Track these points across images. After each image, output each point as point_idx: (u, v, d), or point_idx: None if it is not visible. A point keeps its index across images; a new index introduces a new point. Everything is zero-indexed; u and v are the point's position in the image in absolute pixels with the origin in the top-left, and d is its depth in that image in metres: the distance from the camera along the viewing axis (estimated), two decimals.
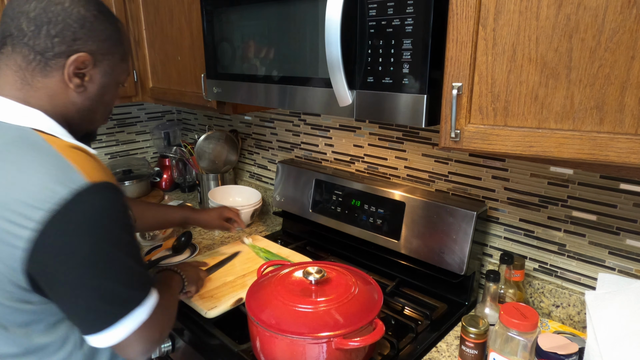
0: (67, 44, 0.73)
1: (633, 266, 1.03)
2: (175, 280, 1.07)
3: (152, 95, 1.76)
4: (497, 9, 0.73)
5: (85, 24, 0.74)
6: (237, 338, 1.08)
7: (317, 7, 0.95)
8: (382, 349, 1.04)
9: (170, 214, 1.34)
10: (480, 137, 0.80)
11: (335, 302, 0.94)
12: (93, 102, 0.81)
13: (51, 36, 0.72)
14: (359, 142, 1.52)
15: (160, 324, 0.81)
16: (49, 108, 0.76)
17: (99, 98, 0.82)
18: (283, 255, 1.44)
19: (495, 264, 1.26)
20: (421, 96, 0.83)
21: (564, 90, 0.70)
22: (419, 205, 1.26)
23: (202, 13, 1.28)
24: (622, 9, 0.63)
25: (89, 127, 0.86)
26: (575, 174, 1.07)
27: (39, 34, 0.72)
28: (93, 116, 0.84)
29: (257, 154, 1.97)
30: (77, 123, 0.81)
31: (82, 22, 0.74)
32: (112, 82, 0.83)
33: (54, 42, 0.72)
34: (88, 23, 0.75)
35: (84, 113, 0.81)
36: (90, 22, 0.75)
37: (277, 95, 1.11)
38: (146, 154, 2.34)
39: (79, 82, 0.76)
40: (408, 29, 0.82)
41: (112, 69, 0.81)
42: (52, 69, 0.74)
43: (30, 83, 0.74)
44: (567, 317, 1.12)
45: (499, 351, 0.88)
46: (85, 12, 0.74)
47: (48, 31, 0.72)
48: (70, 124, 0.79)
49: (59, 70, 0.74)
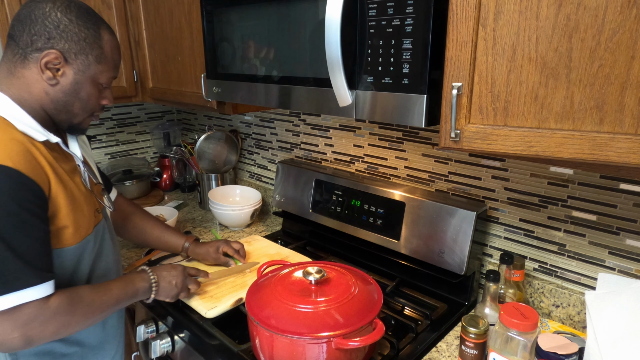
0: (42, 42, 0.86)
1: (633, 266, 1.03)
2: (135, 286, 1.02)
3: (152, 95, 1.76)
4: (497, 9, 0.73)
5: (60, 26, 0.86)
6: (237, 338, 1.08)
7: (317, 7, 0.95)
8: (382, 349, 1.04)
9: (174, 240, 1.34)
10: (480, 137, 0.80)
11: (335, 302, 0.94)
12: (67, 96, 0.91)
13: (31, 34, 0.86)
14: (359, 142, 1.52)
15: (27, 328, 0.81)
16: (27, 96, 0.88)
17: (74, 93, 0.91)
18: (282, 255, 1.44)
19: (495, 264, 1.26)
20: (421, 96, 0.83)
21: (563, 90, 0.70)
22: (419, 205, 1.26)
23: (202, 13, 1.28)
24: (622, 9, 0.63)
25: (71, 119, 0.95)
26: (575, 174, 1.07)
27: (22, 32, 0.86)
28: (70, 109, 0.93)
29: (257, 154, 1.97)
30: (54, 114, 0.92)
31: (57, 24, 0.86)
32: (86, 80, 0.92)
33: (33, 39, 0.86)
34: (62, 25, 0.87)
35: (59, 105, 0.91)
36: (65, 24, 0.87)
37: (277, 95, 1.11)
38: (146, 154, 2.34)
39: (50, 75, 0.88)
40: (408, 29, 0.82)
41: (86, 67, 0.91)
42: (29, 61, 0.87)
43: (14, 73, 0.88)
44: (567, 317, 1.12)
45: (499, 351, 0.88)
46: (62, 16, 0.87)
47: (29, 30, 0.86)
48: (48, 114, 0.91)
49: (36, 63, 0.87)
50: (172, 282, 1.10)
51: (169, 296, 1.11)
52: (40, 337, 0.83)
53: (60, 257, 0.91)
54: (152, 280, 1.06)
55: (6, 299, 0.79)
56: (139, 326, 1.24)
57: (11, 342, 0.80)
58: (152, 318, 1.26)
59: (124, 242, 1.63)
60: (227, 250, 1.35)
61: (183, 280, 1.13)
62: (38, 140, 0.86)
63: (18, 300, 0.79)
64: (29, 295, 0.80)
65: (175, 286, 1.10)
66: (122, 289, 0.99)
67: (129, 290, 1.01)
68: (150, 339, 1.24)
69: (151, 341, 1.20)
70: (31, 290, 0.80)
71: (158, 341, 1.19)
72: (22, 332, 0.80)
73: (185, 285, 1.13)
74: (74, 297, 0.88)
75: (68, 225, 0.90)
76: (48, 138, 0.88)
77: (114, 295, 0.96)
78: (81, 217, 0.93)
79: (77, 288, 0.91)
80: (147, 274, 1.07)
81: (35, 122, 0.88)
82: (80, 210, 0.93)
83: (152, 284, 1.06)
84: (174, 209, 1.73)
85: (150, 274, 1.07)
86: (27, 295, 0.80)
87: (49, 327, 0.84)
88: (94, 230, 0.98)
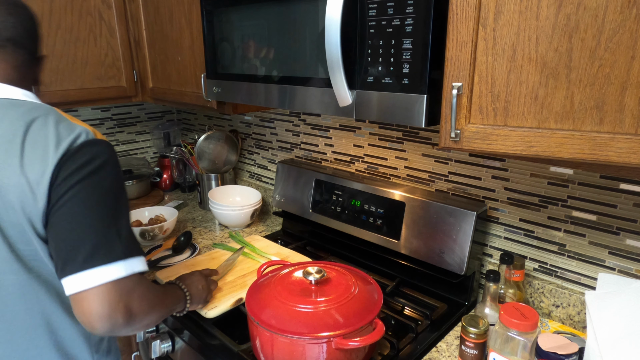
0: None
1: (633, 266, 1.03)
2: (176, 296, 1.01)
3: (152, 95, 1.76)
4: (497, 9, 0.73)
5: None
6: (237, 338, 1.08)
7: (317, 7, 0.95)
8: (382, 349, 1.04)
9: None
10: (480, 137, 0.80)
11: (335, 302, 0.94)
12: None
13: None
14: (359, 142, 1.52)
15: (130, 298, 0.79)
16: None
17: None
18: (282, 255, 1.44)
19: (495, 264, 1.26)
20: (421, 96, 0.83)
21: (564, 90, 0.70)
22: (419, 205, 1.26)
23: (202, 13, 1.28)
24: (622, 9, 0.63)
25: None
26: (575, 174, 1.07)
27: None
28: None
29: (257, 154, 1.97)
30: None
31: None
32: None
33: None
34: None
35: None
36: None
37: (277, 95, 1.11)
38: (146, 154, 2.34)
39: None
40: (408, 29, 0.82)
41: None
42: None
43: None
44: (567, 317, 1.12)
45: (499, 351, 0.88)
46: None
47: None
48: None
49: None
50: (199, 288, 1.08)
51: (202, 301, 1.10)
52: (139, 311, 0.80)
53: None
54: (185, 291, 1.04)
55: (127, 265, 0.78)
56: None
57: (116, 315, 0.77)
58: None
59: None
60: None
61: (206, 282, 1.12)
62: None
63: (126, 270, 0.78)
64: (134, 266, 0.79)
65: (203, 289, 1.10)
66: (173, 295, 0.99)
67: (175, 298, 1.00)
68: (150, 339, 1.24)
69: (151, 341, 1.20)
70: (135, 260, 0.80)
71: (158, 341, 1.19)
72: (126, 302, 0.78)
73: (209, 286, 1.13)
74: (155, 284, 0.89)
75: None
76: None
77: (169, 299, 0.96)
78: None
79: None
80: (177, 284, 1.05)
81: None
82: None
83: (185, 293, 1.04)
84: (174, 209, 1.73)
85: (180, 284, 1.05)
86: (133, 265, 0.79)
87: (144, 302, 0.81)
88: None
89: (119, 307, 0.77)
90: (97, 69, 1.67)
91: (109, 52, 1.70)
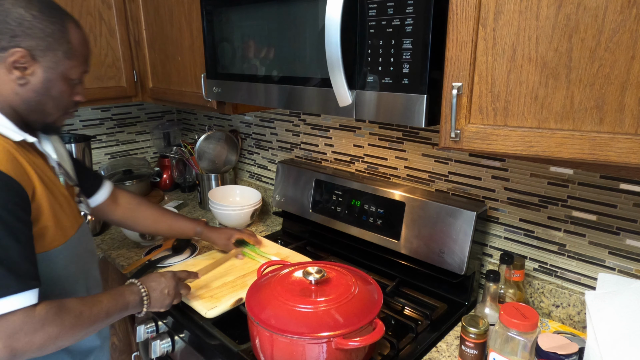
0: (6, 40, 0.82)
1: (633, 266, 1.03)
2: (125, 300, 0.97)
3: (152, 95, 1.76)
4: (497, 9, 0.73)
5: (24, 23, 0.82)
6: (237, 338, 1.08)
7: (317, 7, 0.95)
8: (382, 349, 1.04)
9: (186, 225, 1.35)
10: (480, 137, 0.80)
11: (335, 302, 0.94)
12: (39, 95, 0.88)
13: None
14: (359, 142, 1.52)
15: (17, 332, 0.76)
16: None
17: (45, 91, 0.88)
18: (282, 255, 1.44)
19: (495, 264, 1.26)
20: (421, 96, 0.83)
21: (563, 90, 0.70)
22: (419, 205, 1.26)
23: (202, 13, 1.28)
24: (622, 9, 0.63)
25: (44, 119, 0.92)
26: (575, 174, 1.07)
27: None
28: (43, 108, 0.90)
29: (257, 154, 1.97)
30: (26, 114, 0.89)
31: (20, 21, 0.82)
32: (57, 77, 0.88)
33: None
34: (26, 22, 0.82)
35: (30, 105, 0.88)
36: (29, 21, 0.82)
37: (277, 95, 1.11)
38: (146, 154, 2.34)
39: (19, 74, 0.84)
40: (408, 29, 0.82)
41: (55, 64, 0.87)
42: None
43: None
44: (567, 317, 1.12)
45: (499, 351, 0.88)
46: (24, 12, 0.82)
47: None
48: (20, 115, 0.88)
49: (2, 63, 0.83)
50: (164, 292, 1.05)
51: (163, 306, 1.06)
52: (26, 349, 0.78)
53: (46, 260, 0.87)
54: (143, 294, 1.01)
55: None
56: (139, 326, 1.24)
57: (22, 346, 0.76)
58: (152, 318, 1.27)
59: (125, 241, 1.63)
60: (242, 236, 1.37)
61: (175, 286, 1.08)
62: (14, 140, 0.83)
63: (2, 309, 0.75)
64: (13, 303, 0.76)
65: (168, 294, 1.06)
66: (112, 302, 0.93)
67: (119, 303, 0.95)
68: (150, 339, 1.24)
69: (151, 341, 1.20)
70: (15, 297, 0.76)
71: (158, 341, 1.19)
72: (7, 343, 0.75)
73: (177, 291, 1.09)
74: (61, 308, 0.83)
75: (51, 226, 0.87)
76: (24, 138, 0.85)
77: (104, 308, 0.91)
78: (64, 217, 0.91)
79: (63, 300, 0.85)
80: (137, 286, 1.01)
81: (9, 122, 0.85)
82: (62, 210, 0.90)
83: (142, 297, 1.01)
84: (174, 209, 1.73)
85: (140, 287, 1.01)
86: (12, 303, 0.75)
87: (35, 339, 0.78)
88: (78, 231, 0.95)
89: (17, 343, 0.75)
90: (97, 69, 1.67)
91: (109, 52, 1.70)
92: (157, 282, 1.06)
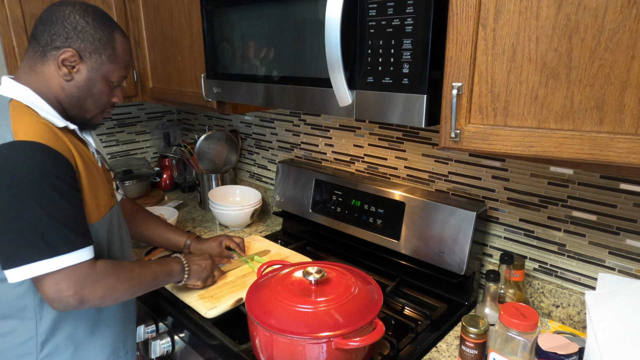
0: (61, 41, 0.93)
1: (633, 266, 1.03)
2: (170, 266, 1.11)
3: (152, 95, 1.76)
4: (497, 9, 0.73)
5: (78, 27, 0.94)
6: (237, 338, 1.08)
7: (317, 7, 0.95)
8: (382, 349, 1.04)
9: (176, 238, 1.38)
10: (480, 137, 0.80)
11: (335, 302, 0.94)
12: (81, 92, 0.98)
13: (51, 34, 0.93)
14: (359, 142, 1.52)
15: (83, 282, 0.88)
16: (45, 89, 0.95)
17: (87, 89, 0.98)
18: (282, 255, 1.44)
19: (495, 264, 1.26)
20: (421, 96, 0.83)
21: (563, 90, 0.70)
22: (419, 205, 1.26)
23: (202, 13, 1.28)
24: (622, 9, 0.63)
25: (83, 114, 1.01)
26: (575, 174, 1.07)
27: (44, 32, 0.94)
28: (83, 104, 0.99)
29: (257, 154, 1.97)
30: (69, 108, 0.99)
31: (75, 25, 0.94)
32: (99, 78, 0.98)
33: (52, 38, 0.93)
34: (80, 27, 0.94)
35: (73, 99, 0.98)
36: (82, 26, 0.94)
37: (277, 96, 1.11)
38: (146, 154, 2.34)
39: (66, 71, 0.95)
40: (408, 29, 0.82)
41: (99, 66, 0.98)
42: (48, 58, 0.94)
43: (34, 68, 0.95)
44: (567, 317, 1.12)
45: (499, 351, 0.88)
46: (79, 18, 0.94)
47: (50, 30, 0.93)
48: (63, 107, 0.98)
49: (54, 60, 0.94)
50: (201, 265, 1.19)
51: (200, 278, 1.19)
52: (90, 297, 0.89)
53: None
54: (185, 265, 1.15)
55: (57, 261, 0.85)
56: (139, 326, 1.24)
57: (67, 300, 0.87)
58: (152, 318, 1.27)
59: None
60: (229, 243, 1.40)
61: (211, 265, 1.22)
62: (58, 126, 0.93)
63: (69, 261, 0.86)
64: (80, 256, 0.87)
65: (205, 269, 1.20)
66: (158, 266, 1.08)
67: (165, 269, 1.09)
68: (150, 339, 1.24)
69: (151, 341, 1.20)
70: (80, 252, 0.87)
71: (158, 341, 1.19)
72: (77, 290, 0.87)
73: (213, 270, 1.23)
74: (116, 264, 0.96)
75: (90, 202, 0.94)
76: (66, 125, 0.95)
77: (151, 270, 1.05)
78: (100, 195, 0.98)
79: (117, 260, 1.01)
80: (180, 258, 1.16)
81: (54, 111, 0.95)
82: (99, 188, 0.98)
83: (184, 267, 1.15)
84: (174, 209, 1.73)
85: (183, 259, 1.16)
86: (79, 256, 0.87)
87: (98, 289, 0.90)
88: (109, 212, 1.02)
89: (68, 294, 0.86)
90: None
91: None
92: (198, 257, 1.21)
